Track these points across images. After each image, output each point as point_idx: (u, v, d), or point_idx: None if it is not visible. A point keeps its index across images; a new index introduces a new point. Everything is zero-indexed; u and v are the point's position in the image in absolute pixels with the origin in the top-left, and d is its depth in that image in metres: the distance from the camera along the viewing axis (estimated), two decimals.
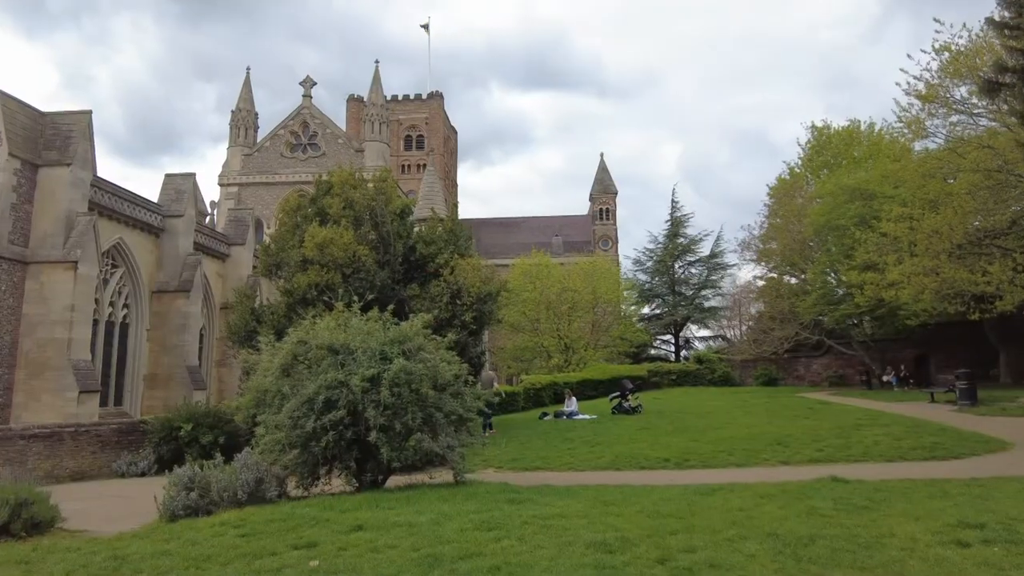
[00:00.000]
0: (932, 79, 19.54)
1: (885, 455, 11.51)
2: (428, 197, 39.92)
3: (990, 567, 4.77)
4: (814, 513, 6.61)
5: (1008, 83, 12.75)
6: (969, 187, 19.28)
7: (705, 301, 48.10)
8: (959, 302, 19.71)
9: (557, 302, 39.57)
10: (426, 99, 77.65)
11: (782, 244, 32.20)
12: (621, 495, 8.32)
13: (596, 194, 71.56)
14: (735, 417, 18.07)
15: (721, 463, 11.56)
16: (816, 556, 5.08)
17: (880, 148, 30.59)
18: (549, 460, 13.05)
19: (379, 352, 9.75)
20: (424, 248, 21.13)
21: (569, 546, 5.56)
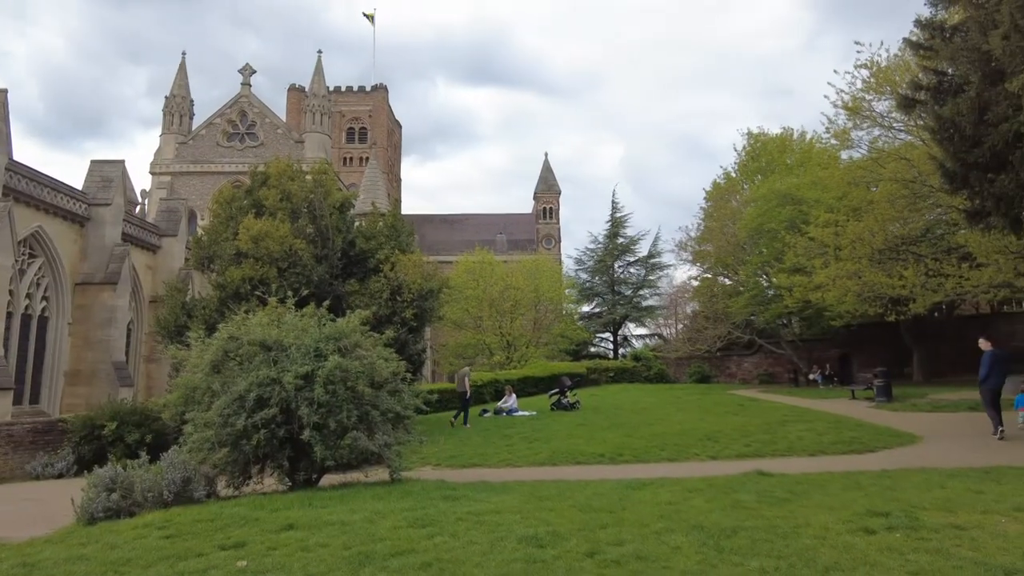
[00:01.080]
0: (857, 93, 20.58)
1: (808, 450, 12.01)
2: (370, 191, 39.41)
3: (891, 551, 5.09)
4: (738, 506, 6.89)
5: (922, 100, 13.55)
6: (888, 196, 20.39)
7: (643, 300, 49.12)
8: (878, 304, 20.85)
9: (500, 300, 39.68)
10: (370, 91, 76.51)
11: (717, 246, 33.22)
12: (556, 490, 8.45)
13: (540, 193, 72.19)
14: (669, 413, 18.57)
15: (654, 458, 11.86)
16: (737, 547, 5.31)
17: (811, 156, 31.94)
18: (487, 457, 13.11)
19: (314, 349, 9.59)
20: (364, 243, 20.86)
21: (501, 541, 5.62)
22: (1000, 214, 12.10)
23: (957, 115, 11.71)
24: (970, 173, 12.06)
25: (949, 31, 13.31)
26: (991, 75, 11.11)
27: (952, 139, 12.26)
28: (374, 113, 75.38)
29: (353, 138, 74.95)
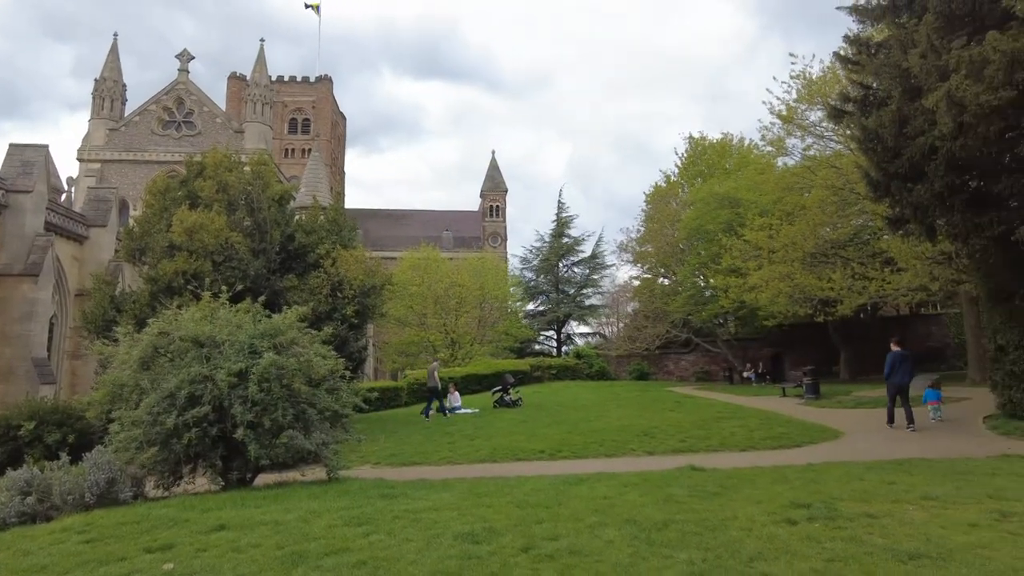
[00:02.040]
0: (791, 103, 21.44)
1: (739, 445, 12.42)
2: (311, 184, 38.55)
3: (811, 540, 5.35)
4: (671, 500, 7.09)
5: (850, 112, 14.24)
6: (819, 202, 21.33)
7: (586, 299, 49.85)
8: (808, 306, 21.80)
9: (445, 297, 39.53)
10: (314, 82, 74.88)
11: (657, 247, 34.01)
12: (495, 487, 8.50)
13: (487, 191, 72.18)
14: (608, 410, 18.90)
15: (592, 454, 12.06)
16: (668, 540, 5.47)
17: (748, 161, 33.08)
18: (428, 455, 13.06)
19: (248, 346, 9.36)
20: (304, 237, 20.43)
21: (437, 538, 5.63)
22: (917, 222, 12.84)
23: (880, 127, 12.34)
24: (891, 182, 12.74)
25: (874, 47, 14.02)
26: (910, 91, 11.76)
27: (876, 150, 12.91)
28: (318, 104, 73.83)
29: (296, 129, 73.21)
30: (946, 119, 10.40)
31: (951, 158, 10.97)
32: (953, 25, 11.22)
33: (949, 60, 10.51)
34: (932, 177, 11.45)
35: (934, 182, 11.46)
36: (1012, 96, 9.66)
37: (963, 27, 11.07)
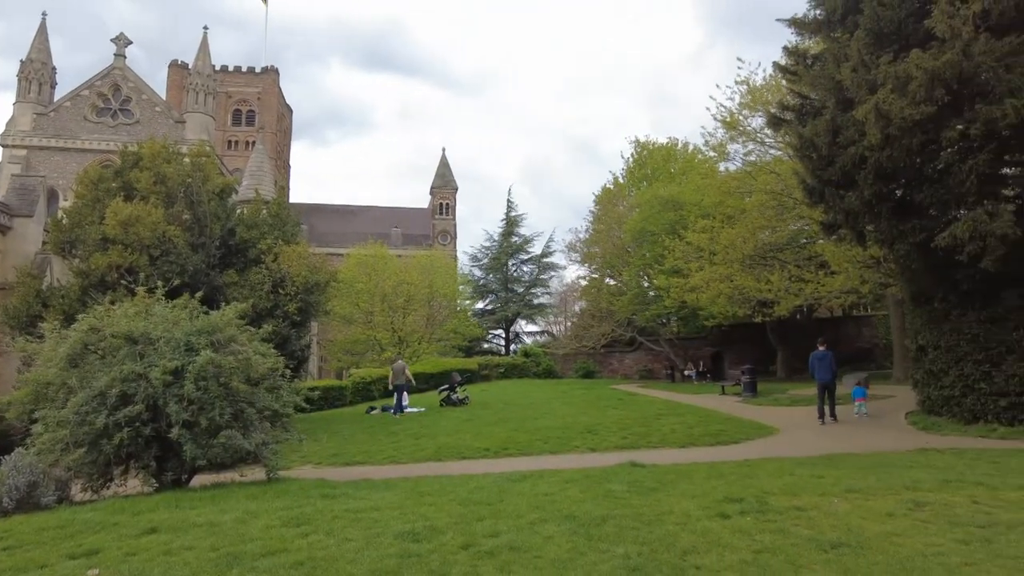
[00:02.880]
0: (735, 109, 22.12)
1: (679, 442, 12.76)
2: (255, 177, 37.53)
3: (742, 533, 5.55)
4: (610, 495, 7.24)
5: (788, 120, 14.80)
6: (759, 206, 22.06)
7: (535, 298, 50.23)
8: (747, 306, 22.54)
9: (393, 295, 39.07)
10: (260, 73, 72.92)
11: (604, 248, 34.52)
12: (438, 485, 8.50)
13: (437, 188, 71.69)
14: (554, 408, 19.10)
15: (537, 451, 12.19)
16: (605, 534, 5.59)
17: (693, 165, 33.93)
18: (371, 454, 12.94)
19: (184, 343, 9.08)
20: (246, 232, 19.90)
21: (378, 537, 5.61)
22: (849, 227, 13.45)
23: (815, 136, 12.87)
24: (825, 189, 13.30)
25: (811, 59, 14.61)
26: (843, 102, 12.31)
27: (811, 157, 13.46)
28: (263, 96, 71.92)
29: (240, 121, 71.13)
30: (874, 130, 10.93)
31: (879, 167, 11.53)
32: (881, 42, 11.79)
33: (877, 75, 11.06)
34: (862, 185, 12.02)
35: (864, 190, 12.02)
36: (932, 111, 10.23)
37: (890, 44, 11.65)
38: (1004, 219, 10.00)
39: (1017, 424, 11.26)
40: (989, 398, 11.76)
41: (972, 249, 10.32)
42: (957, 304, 12.40)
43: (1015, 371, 11.32)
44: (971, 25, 9.97)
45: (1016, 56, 9.79)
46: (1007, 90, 9.74)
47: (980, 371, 11.87)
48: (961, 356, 12.24)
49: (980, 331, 11.88)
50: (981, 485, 7.19)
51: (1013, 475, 7.71)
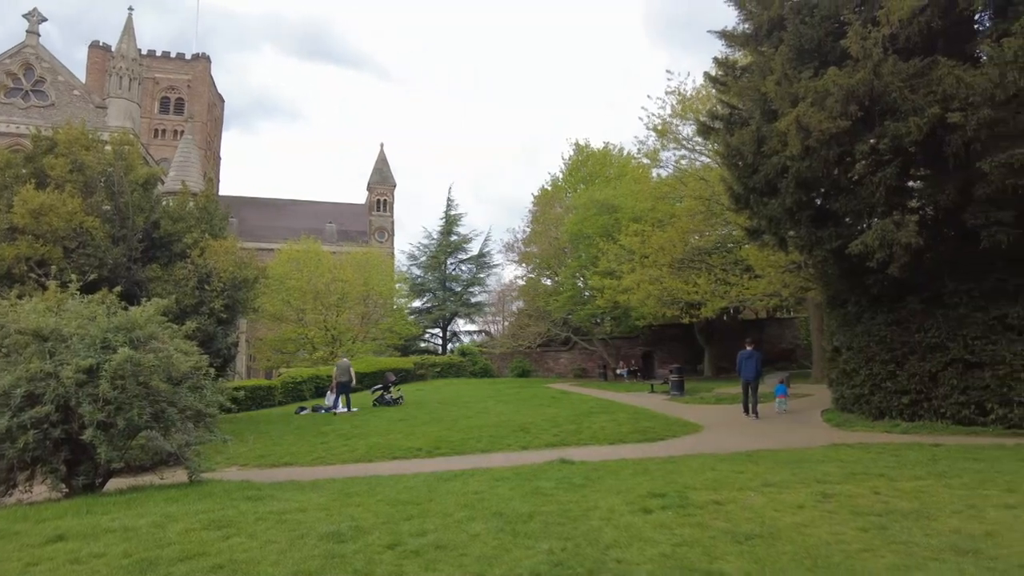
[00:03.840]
0: (666, 118, 22.78)
1: (609, 439, 13.03)
2: (182, 168, 36.06)
3: (663, 527, 5.76)
4: (538, 492, 7.36)
5: (716, 129, 15.36)
6: (689, 211, 22.81)
7: (472, 297, 50.26)
8: (676, 307, 23.24)
9: (326, 292, 38.29)
10: (190, 60, 70.03)
11: (541, 248, 34.90)
12: (367, 486, 8.43)
13: (374, 184, 70.60)
14: (489, 406, 19.18)
15: (470, 450, 12.22)
16: (532, 531, 5.69)
17: (627, 170, 34.70)
18: (300, 455, 12.68)
19: (100, 340, 8.65)
20: (171, 225, 19.09)
21: (302, 539, 5.52)
22: (771, 233, 14.08)
23: (742, 145, 13.42)
24: (750, 196, 13.87)
25: (740, 71, 15.20)
26: (768, 113, 12.88)
27: (738, 165, 14.03)
28: (194, 84, 69.12)
29: (168, 109, 68.11)
30: (795, 142, 11.49)
31: (799, 177, 12.12)
32: (803, 57, 12.39)
33: (799, 89, 11.63)
34: (784, 193, 12.60)
35: (785, 198, 12.61)
36: (847, 125, 10.84)
37: (811, 60, 12.26)
38: (909, 229, 10.69)
39: (917, 419, 12.07)
40: (894, 396, 12.55)
41: (881, 256, 10.99)
42: (868, 308, 13.18)
43: (916, 370, 12.13)
44: (881, 47, 10.61)
45: (920, 78, 10.49)
46: (911, 109, 10.42)
47: (886, 371, 12.66)
48: (870, 356, 13.02)
49: (887, 333, 12.67)
50: (882, 477, 7.69)
51: (910, 467, 8.27)
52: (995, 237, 10.44)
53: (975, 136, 10.04)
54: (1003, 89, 9.59)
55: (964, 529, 5.43)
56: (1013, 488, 6.82)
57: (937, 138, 10.65)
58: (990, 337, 11.35)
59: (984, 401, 11.34)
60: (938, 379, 11.89)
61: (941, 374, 11.84)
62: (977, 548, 4.93)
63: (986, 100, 9.71)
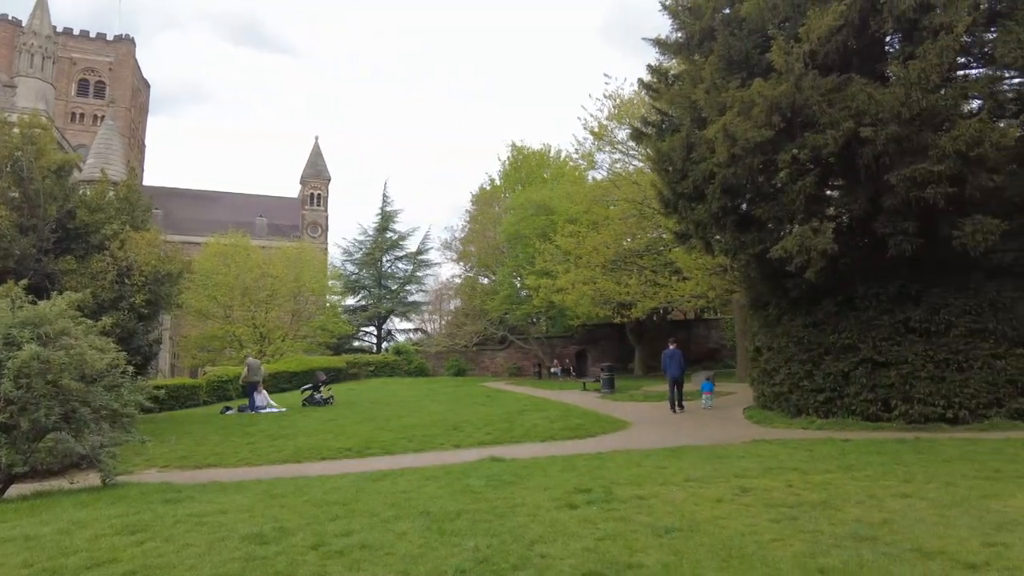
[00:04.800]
0: (603, 120, 23.25)
1: (540, 436, 13.19)
2: (102, 155, 34.19)
3: (587, 522, 5.89)
4: (467, 490, 7.39)
5: (649, 134, 15.78)
6: (622, 214, 23.35)
7: (409, 295, 49.74)
8: (608, 307, 23.77)
9: (255, 288, 37.12)
10: (113, 41, 66.48)
11: (479, 247, 34.99)
12: (293, 487, 8.25)
13: (308, 177, 68.95)
14: (423, 405, 19.08)
15: (401, 449, 12.12)
16: (458, 529, 5.72)
17: (564, 172, 35.19)
18: (224, 456, 12.26)
19: (3, 336, 8.13)
20: (88, 215, 18.09)
21: (222, 541, 5.37)
22: (698, 237, 14.58)
23: (672, 151, 13.84)
24: (679, 201, 14.33)
25: (672, 78, 15.66)
26: (697, 121, 13.33)
27: (668, 171, 14.46)
28: (116, 67, 65.63)
29: (87, 92, 64.47)
30: (722, 149, 11.94)
31: (725, 183, 12.61)
32: (732, 68, 12.90)
33: (727, 98, 12.08)
34: (710, 199, 13.08)
35: (712, 203, 13.09)
36: (771, 135, 11.35)
37: (739, 71, 12.77)
38: (826, 236, 11.28)
39: (831, 416, 12.75)
40: (810, 394, 13.22)
41: (799, 261, 11.56)
42: (787, 310, 13.83)
43: (831, 370, 12.82)
44: (802, 62, 11.16)
45: (836, 93, 11.09)
46: (829, 122, 11.01)
47: (804, 370, 13.32)
48: (789, 357, 13.67)
49: (804, 334, 13.33)
50: (796, 471, 8.11)
51: (822, 461, 8.74)
52: (900, 245, 11.15)
53: (884, 150, 10.70)
54: (908, 108, 10.25)
55: (865, 518, 5.79)
56: (909, 479, 7.33)
57: (851, 151, 11.30)
58: (895, 338, 12.12)
59: (889, 398, 12.09)
60: (850, 378, 12.60)
61: (852, 373, 12.55)
62: (875, 535, 5.27)
63: (894, 117, 10.36)
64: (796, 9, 11.98)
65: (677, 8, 14.77)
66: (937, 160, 10.22)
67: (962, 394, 11.51)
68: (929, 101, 10.30)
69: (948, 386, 11.59)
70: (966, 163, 10.24)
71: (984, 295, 11.71)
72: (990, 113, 10.44)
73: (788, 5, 12.06)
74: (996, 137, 9.96)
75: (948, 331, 11.76)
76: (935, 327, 11.84)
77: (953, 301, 11.79)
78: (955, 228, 10.71)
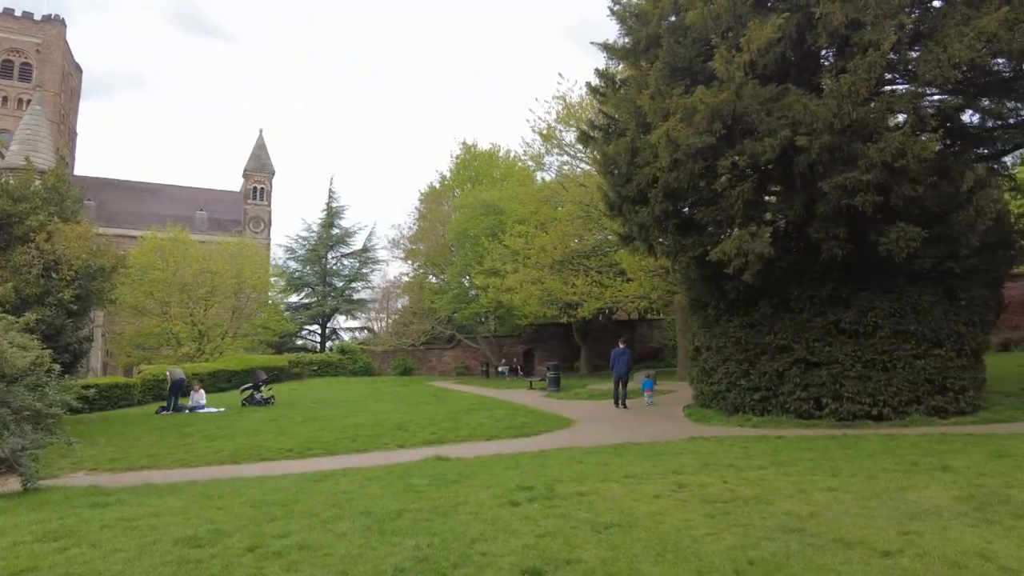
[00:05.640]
0: (552, 123, 23.47)
1: (486, 435, 13.22)
2: (28, 142, 32.52)
3: (528, 519, 5.97)
4: (410, 490, 7.37)
5: (595, 138, 16.01)
6: (569, 216, 23.61)
7: (355, 293, 48.97)
8: (556, 307, 24.03)
9: (194, 284, 35.96)
10: (41, 21, 63.18)
11: (428, 245, 34.76)
12: (231, 488, 8.05)
13: (251, 171, 67.14)
14: (367, 405, 18.86)
15: (344, 450, 11.97)
16: (400, 528, 5.71)
17: (513, 172, 35.32)
18: (159, 458, 11.85)
19: None
20: (10, 205, 17.14)
21: (153, 545, 5.21)
22: (642, 240, 14.86)
23: (617, 155, 14.07)
24: (624, 204, 14.58)
25: (619, 83, 15.92)
26: (642, 126, 13.60)
27: (613, 174, 14.68)
28: (45, 49, 62.38)
29: (10, 73, 61.08)
30: (665, 154, 12.22)
31: (667, 187, 12.90)
32: (676, 75, 13.21)
33: (670, 104, 12.37)
34: (653, 202, 13.36)
35: (655, 207, 13.38)
36: (712, 141, 11.68)
37: (683, 78, 13.09)
38: (763, 240, 11.69)
39: (766, 414, 13.22)
40: (747, 392, 13.67)
41: (737, 264, 11.94)
42: (725, 311, 14.26)
43: (766, 369, 13.29)
44: (743, 71, 11.53)
45: (775, 102, 11.51)
46: (767, 130, 11.41)
47: (741, 369, 13.76)
48: (727, 356, 14.10)
49: (741, 335, 13.78)
50: (731, 467, 8.39)
51: (756, 458, 9.07)
52: (832, 250, 11.65)
53: (818, 159, 11.16)
54: (840, 119, 10.73)
55: (794, 511, 6.05)
56: (836, 473, 7.68)
57: (788, 158, 11.73)
58: (827, 339, 12.66)
59: (821, 397, 12.62)
60: (784, 377, 13.08)
61: (787, 373, 13.04)
62: (803, 527, 5.52)
63: (827, 127, 10.82)
64: (738, 20, 12.36)
65: (625, 14, 15.03)
66: (865, 170, 10.72)
67: (886, 392, 12.10)
68: (859, 113, 10.80)
69: (874, 385, 12.17)
70: (891, 173, 10.77)
71: (907, 299, 12.35)
72: (913, 127, 11.00)
73: (730, 16, 12.42)
74: (917, 150, 10.52)
75: (875, 332, 12.35)
76: (863, 329, 12.42)
77: (879, 304, 12.39)
78: (881, 235, 11.25)
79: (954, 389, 12.07)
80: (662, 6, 13.77)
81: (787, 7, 12.09)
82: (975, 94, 12.43)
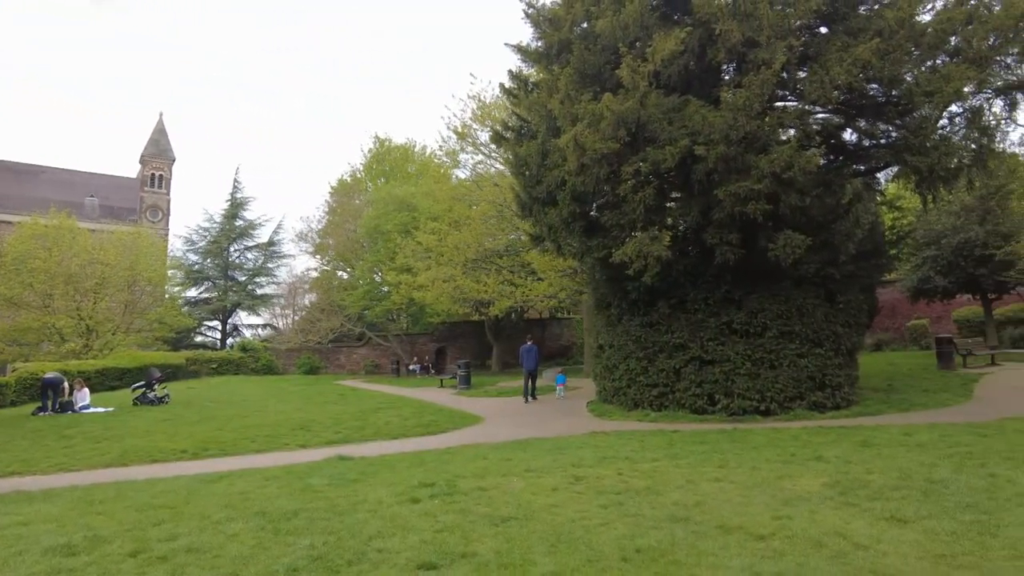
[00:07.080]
0: (467, 121, 23.53)
1: (392, 434, 13.12)
2: None
3: (428, 515, 6.01)
4: (308, 489, 7.24)
5: (508, 138, 16.22)
6: (483, 215, 23.76)
7: (259, 288, 47.18)
8: (468, 305, 24.13)
9: (81, 276, 33.40)
10: None
11: (338, 240, 33.99)
12: (115, 492, 7.62)
13: (149, 157, 63.06)
14: (268, 405, 18.26)
15: (242, 450, 11.55)
16: (295, 528, 5.61)
17: (429, 168, 35.09)
18: (34, 462, 10.99)
19: None
20: None
21: (19, 556, 4.88)
22: (551, 240, 15.21)
23: (528, 156, 14.33)
24: (534, 205, 14.86)
25: (532, 86, 16.19)
26: (553, 129, 13.90)
27: (524, 175, 14.94)
28: None
29: None
30: (573, 158, 12.55)
31: (575, 190, 13.27)
32: (585, 81, 13.58)
33: (579, 110, 12.72)
34: (562, 204, 13.70)
35: (563, 209, 13.72)
36: (616, 147, 12.11)
37: (592, 84, 13.48)
38: (662, 243, 12.24)
39: (664, 410, 13.85)
40: (646, 388, 14.27)
41: (638, 266, 12.43)
42: (627, 311, 14.83)
43: (664, 367, 13.93)
44: (647, 81, 12.03)
45: (676, 112, 12.07)
46: (668, 139, 11.95)
47: (640, 366, 14.35)
48: (628, 354, 14.67)
49: (641, 333, 14.38)
50: (627, 460, 8.75)
51: (650, 450, 9.51)
52: (726, 255, 12.35)
53: (715, 168, 11.80)
54: (735, 131, 11.40)
55: (682, 501, 6.40)
56: (723, 464, 8.18)
57: (687, 166, 12.34)
58: (720, 339, 13.42)
59: (714, 393, 13.36)
60: (680, 374, 13.76)
61: (683, 370, 13.72)
62: (689, 516, 5.85)
63: (723, 138, 11.47)
64: (645, 31, 12.86)
65: (539, 18, 15.28)
66: (757, 179, 11.44)
67: (773, 389, 12.98)
68: (752, 126, 11.51)
69: (762, 382, 13.02)
70: (780, 184, 11.56)
71: (792, 301, 13.29)
72: (800, 142, 11.86)
73: (637, 26, 12.90)
74: (803, 163, 11.34)
75: (764, 333, 13.21)
76: (753, 329, 13.25)
77: (768, 306, 13.27)
78: (771, 241, 12.05)
79: (832, 385, 13.10)
80: (574, 12, 14.12)
81: (691, 22, 12.70)
82: (854, 115, 13.52)
